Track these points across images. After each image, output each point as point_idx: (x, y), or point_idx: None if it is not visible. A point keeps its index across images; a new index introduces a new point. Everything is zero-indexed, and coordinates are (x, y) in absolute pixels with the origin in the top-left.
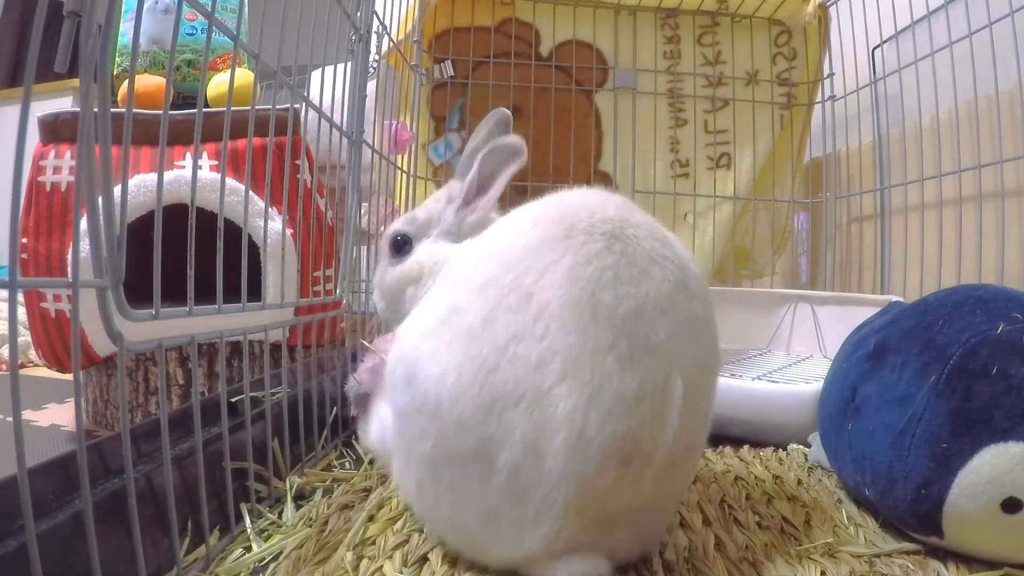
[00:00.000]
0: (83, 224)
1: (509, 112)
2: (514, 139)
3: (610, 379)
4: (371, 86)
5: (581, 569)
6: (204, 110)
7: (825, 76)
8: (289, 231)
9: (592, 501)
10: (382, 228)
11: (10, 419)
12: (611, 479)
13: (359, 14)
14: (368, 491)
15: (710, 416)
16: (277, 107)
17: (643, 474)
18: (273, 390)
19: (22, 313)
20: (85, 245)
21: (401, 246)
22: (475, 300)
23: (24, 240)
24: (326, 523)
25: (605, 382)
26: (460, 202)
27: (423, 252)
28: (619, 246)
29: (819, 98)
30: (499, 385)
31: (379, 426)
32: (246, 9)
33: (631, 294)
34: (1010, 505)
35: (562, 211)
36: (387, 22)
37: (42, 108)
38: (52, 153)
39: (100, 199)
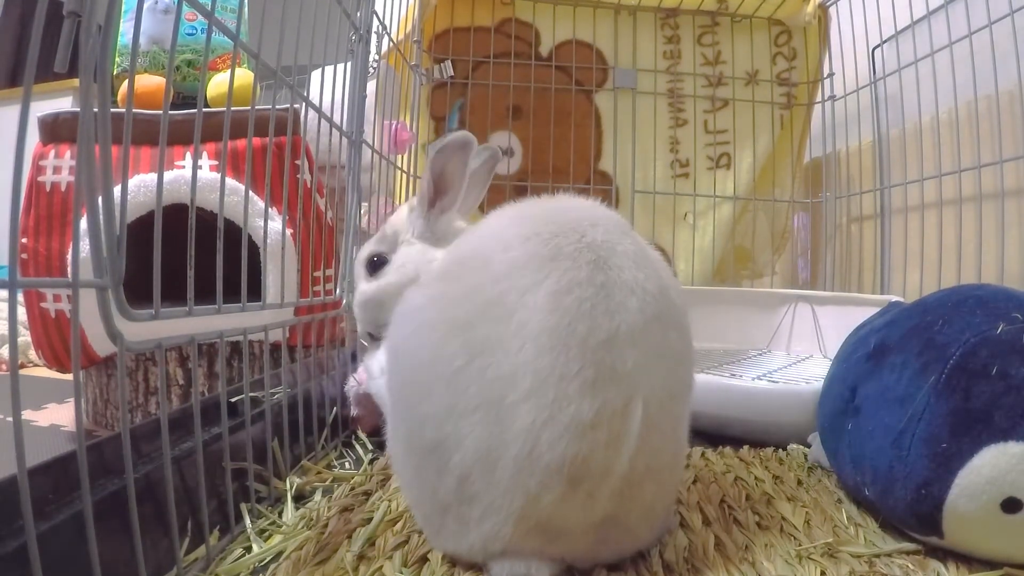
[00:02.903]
0: (83, 224)
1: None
2: (461, 133)
3: (569, 404)
4: (371, 86)
5: (514, 571)
6: (204, 110)
7: (825, 76)
8: (289, 231)
9: (535, 513)
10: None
11: (10, 419)
12: (556, 496)
13: (359, 14)
14: (368, 493)
15: (681, 437)
16: (277, 107)
17: (596, 494)
18: (273, 390)
19: (22, 313)
20: (85, 245)
21: (377, 266)
22: (460, 302)
23: (24, 240)
24: (326, 525)
25: (564, 407)
26: (423, 207)
27: (400, 257)
28: (600, 277)
29: (819, 98)
30: (465, 386)
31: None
32: (246, 9)
33: (604, 326)
34: (1010, 505)
35: (553, 230)
36: (387, 22)
37: (42, 108)
38: (52, 153)
39: (100, 199)
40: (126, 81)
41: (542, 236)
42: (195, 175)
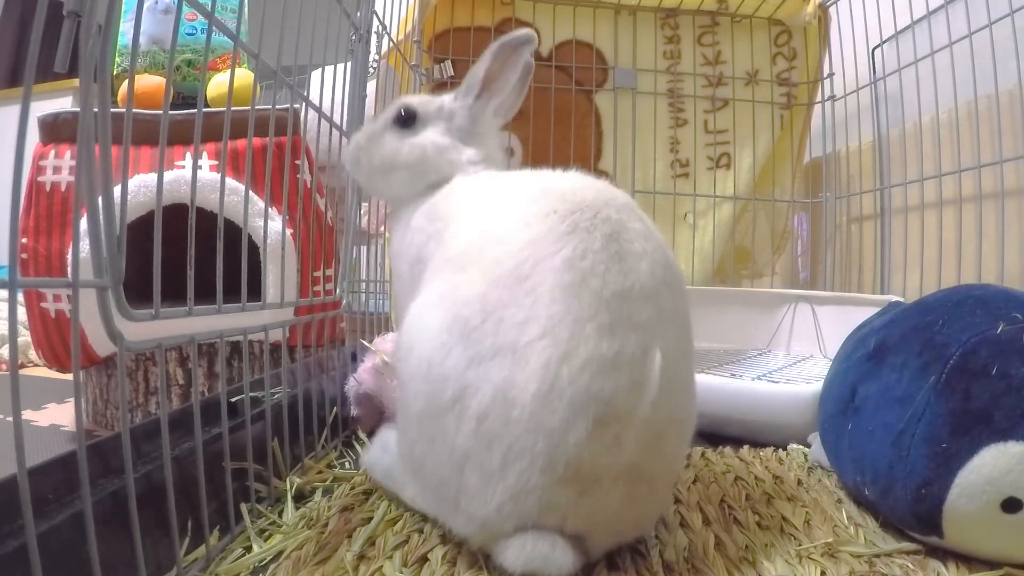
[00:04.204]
0: (83, 224)
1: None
2: (526, 30)
3: (587, 342)
4: (371, 86)
5: (532, 549)
6: (204, 110)
7: (825, 76)
8: (289, 231)
9: (563, 455)
10: (382, 228)
11: (10, 419)
12: (582, 436)
13: (359, 14)
14: (368, 493)
15: (693, 394)
16: (277, 107)
17: (623, 437)
18: (273, 390)
19: (22, 313)
20: (85, 245)
21: (406, 120)
22: (475, 279)
23: (24, 240)
24: (326, 524)
25: (581, 343)
26: (470, 96)
27: (429, 139)
28: (614, 246)
29: (819, 98)
30: (481, 339)
31: (381, 452)
32: (246, 9)
33: (618, 281)
34: (1010, 505)
35: (570, 208)
36: (387, 22)
37: (42, 108)
38: (52, 153)
39: (100, 199)
40: (126, 81)
41: (559, 213)
42: (195, 175)
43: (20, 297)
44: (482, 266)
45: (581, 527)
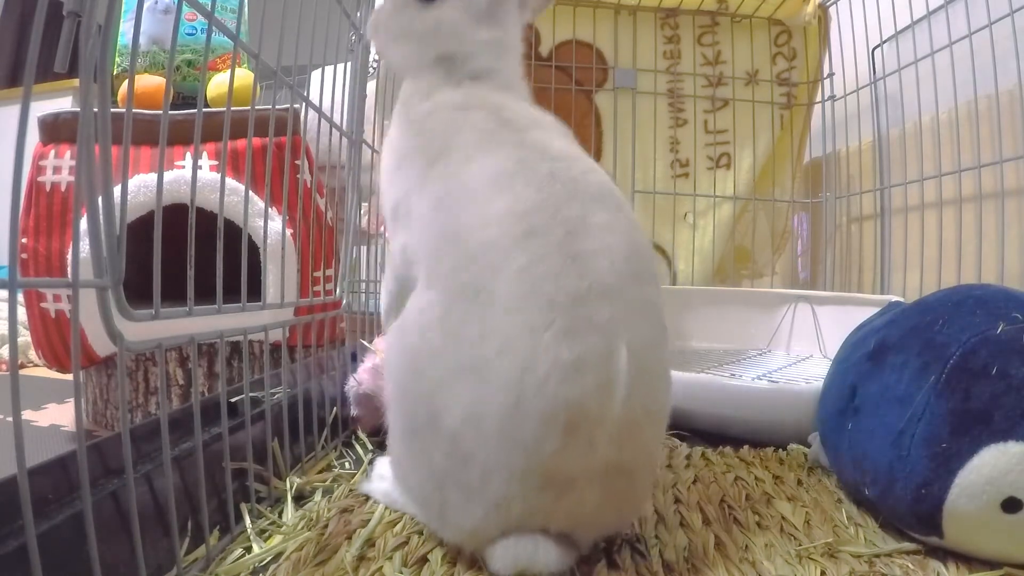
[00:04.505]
0: (83, 224)
1: None
2: None
3: (547, 351)
4: (371, 86)
5: (516, 552)
6: (204, 110)
7: (825, 76)
8: (289, 231)
9: (538, 466)
10: (382, 228)
11: (10, 419)
12: (555, 444)
13: (359, 14)
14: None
15: (668, 382)
16: (277, 107)
17: (596, 439)
18: (273, 390)
19: (22, 313)
20: (85, 245)
21: None
22: (434, 300)
23: (24, 240)
24: (326, 525)
25: (541, 354)
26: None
27: (446, 13)
28: (570, 247)
29: (819, 98)
30: (445, 361)
31: (378, 480)
32: (246, 9)
33: (574, 284)
34: (1010, 505)
35: (527, 207)
36: None
37: (42, 108)
38: (52, 153)
39: (100, 199)
40: (126, 81)
41: (516, 213)
42: (195, 175)
43: (20, 297)
44: (442, 275)
45: (564, 526)
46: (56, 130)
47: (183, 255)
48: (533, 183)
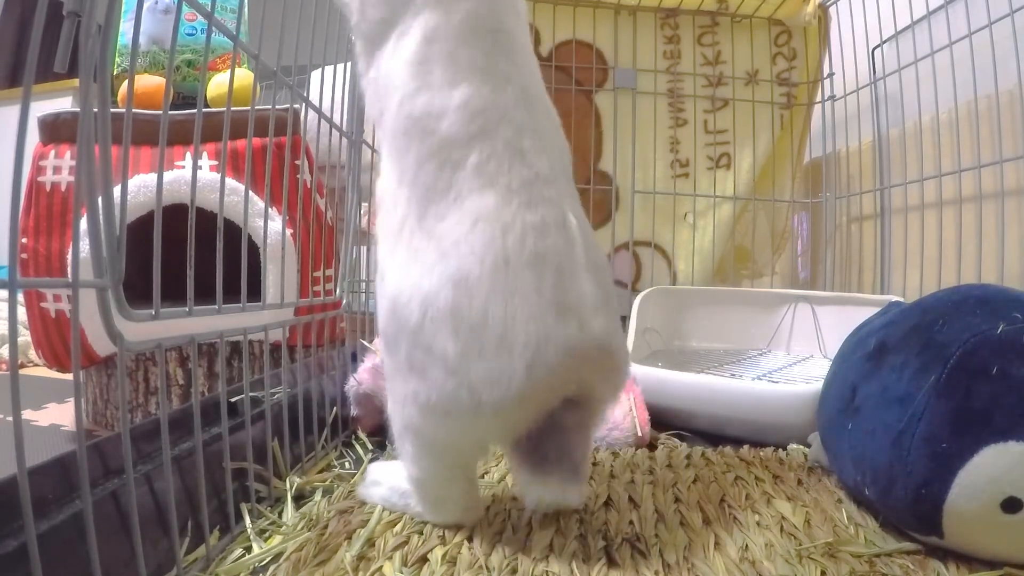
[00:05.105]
0: (83, 224)
1: None
2: None
3: (516, 216)
4: None
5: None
6: (204, 110)
7: (825, 76)
8: (289, 231)
9: (545, 299)
10: None
11: (10, 419)
12: (551, 281)
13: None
14: None
15: (608, 265)
16: (277, 107)
17: (575, 277)
18: (273, 390)
19: (22, 313)
20: (85, 245)
21: None
22: (407, 195)
23: (24, 240)
24: (326, 525)
25: (513, 218)
26: None
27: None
28: (517, 144)
29: (819, 98)
30: (431, 254)
31: (372, 485)
32: (246, 9)
33: (523, 174)
34: (1010, 505)
35: (480, 106)
36: None
37: (42, 108)
38: (52, 153)
39: (100, 199)
40: (126, 81)
41: (472, 109)
42: (195, 175)
43: (20, 297)
44: (409, 169)
45: (580, 379)
46: (56, 130)
47: (183, 255)
48: (489, 82)
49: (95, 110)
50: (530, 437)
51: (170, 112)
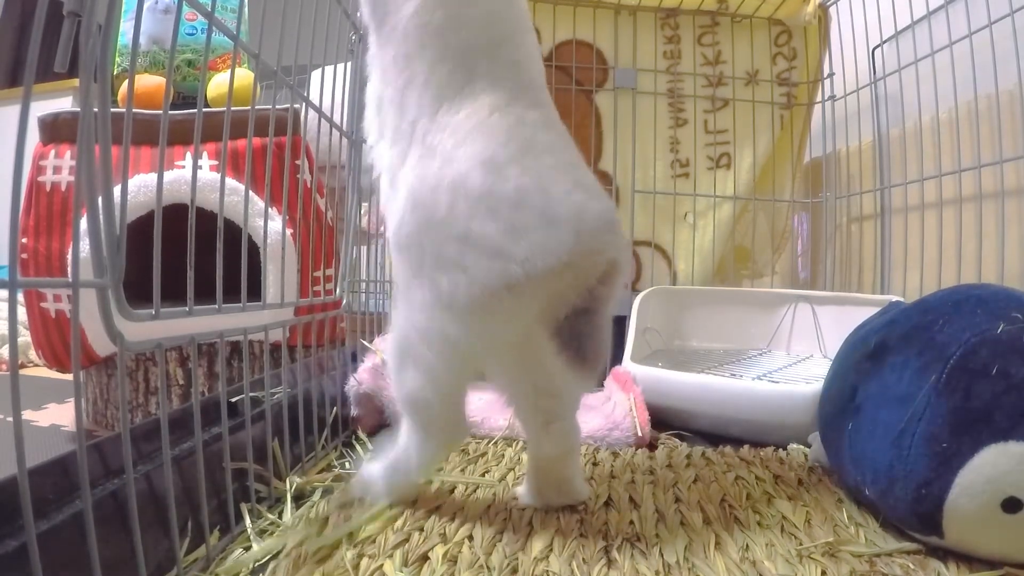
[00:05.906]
0: (83, 224)
1: None
2: None
3: (526, 110)
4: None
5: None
6: (204, 110)
7: (825, 76)
8: (289, 231)
9: (571, 185)
10: (382, 228)
11: (10, 419)
12: (566, 166)
13: (359, 14)
14: None
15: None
16: (277, 107)
17: (580, 163)
18: (273, 390)
19: (22, 313)
20: (85, 245)
21: None
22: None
23: (24, 240)
24: (326, 522)
25: (525, 111)
26: None
27: None
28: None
29: (819, 98)
30: (431, 178)
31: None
32: (246, 9)
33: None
34: (1010, 505)
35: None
36: None
37: (42, 108)
38: (52, 153)
39: (100, 199)
40: (126, 81)
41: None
42: (195, 175)
43: (20, 297)
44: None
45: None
46: (56, 130)
47: (183, 255)
48: None
49: (95, 110)
50: (569, 321)
51: (170, 112)
